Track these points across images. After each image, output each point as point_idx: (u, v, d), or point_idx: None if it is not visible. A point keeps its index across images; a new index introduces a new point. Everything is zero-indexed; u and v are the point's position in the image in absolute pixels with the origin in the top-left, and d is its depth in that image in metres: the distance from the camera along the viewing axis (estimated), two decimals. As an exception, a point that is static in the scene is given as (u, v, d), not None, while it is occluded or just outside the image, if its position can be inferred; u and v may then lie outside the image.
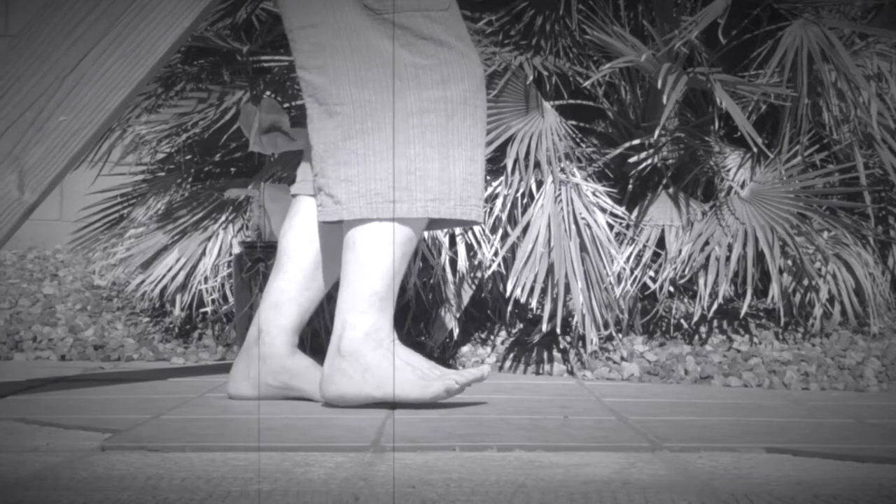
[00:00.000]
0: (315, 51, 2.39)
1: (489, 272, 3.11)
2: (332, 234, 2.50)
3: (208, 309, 3.26)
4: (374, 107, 2.36)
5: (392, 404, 2.37)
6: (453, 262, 3.11)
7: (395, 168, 2.36)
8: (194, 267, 3.28)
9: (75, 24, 2.37)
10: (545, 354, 3.09)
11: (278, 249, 2.53)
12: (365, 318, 2.37)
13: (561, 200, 3.05)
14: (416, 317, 3.15)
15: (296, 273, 2.50)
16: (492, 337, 3.16)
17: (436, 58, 2.38)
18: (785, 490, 1.62)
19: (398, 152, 2.36)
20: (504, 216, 3.08)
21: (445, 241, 3.09)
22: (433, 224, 2.50)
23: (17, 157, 2.34)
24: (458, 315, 3.11)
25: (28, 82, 2.37)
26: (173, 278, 3.29)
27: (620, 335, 3.09)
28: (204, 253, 3.28)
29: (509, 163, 3.08)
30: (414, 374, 2.35)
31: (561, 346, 3.09)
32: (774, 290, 3.06)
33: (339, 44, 2.37)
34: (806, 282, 3.12)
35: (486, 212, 3.10)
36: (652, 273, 3.14)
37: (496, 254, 3.08)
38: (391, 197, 2.35)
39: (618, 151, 3.21)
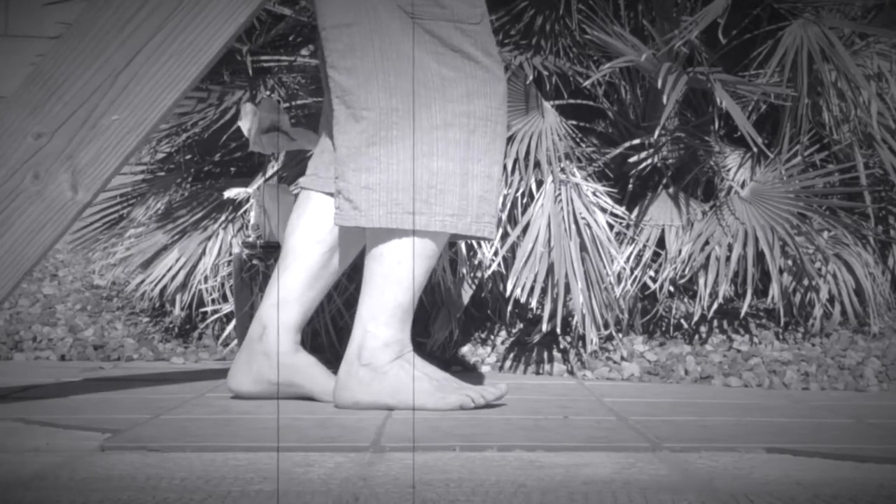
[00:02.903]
0: (347, 51, 2.37)
1: (489, 272, 3.11)
2: (342, 236, 2.50)
3: (208, 309, 3.26)
4: (400, 115, 2.34)
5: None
6: (453, 262, 3.11)
7: (417, 180, 2.35)
8: (194, 267, 3.28)
9: (127, 20, 2.32)
10: (545, 354, 3.09)
11: (284, 247, 2.53)
12: (386, 329, 2.38)
13: (561, 200, 3.05)
14: (416, 317, 3.14)
15: (301, 272, 2.51)
16: (492, 337, 3.16)
17: (462, 71, 2.37)
18: (785, 490, 1.62)
19: (421, 164, 2.35)
20: (504, 216, 3.08)
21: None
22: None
23: (71, 156, 2.30)
24: (458, 315, 3.11)
25: (80, 79, 2.32)
26: (173, 278, 3.29)
27: (620, 335, 3.09)
28: (204, 253, 3.28)
29: (509, 163, 3.08)
30: (431, 385, 2.37)
31: (561, 346, 3.09)
32: (774, 290, 3.06)
33: (371, 46, 2.35)
34: (806, 282, 3.12)
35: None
36: (652, 273, 3.14)
37: (496, 253, 3.08)
38: (412, 208, 2.35)
39: (618, 151, 3.21)
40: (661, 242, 3.16)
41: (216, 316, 3.26)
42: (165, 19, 2.32)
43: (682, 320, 3.15)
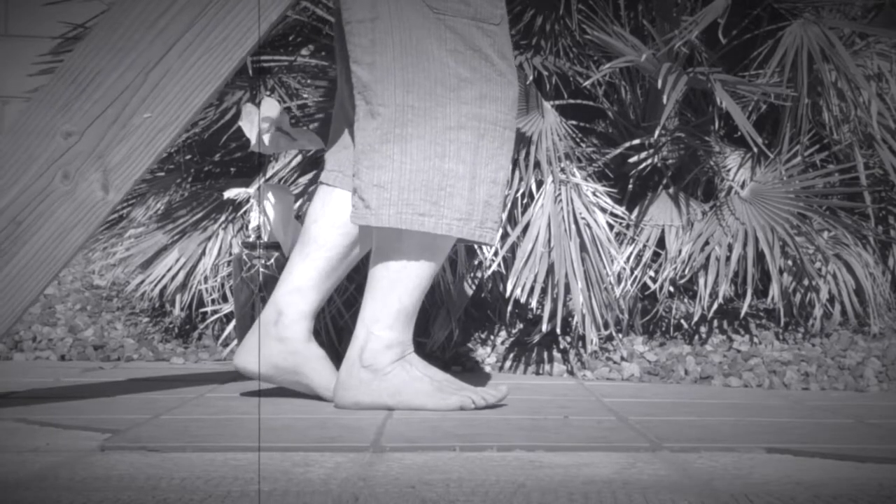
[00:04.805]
0: (369, 46, 2.35)
1: (489, 272, 3.11)
2: (363, 229, 2.50)
3: (208, 309, 3.26)
4: (415, 113, 2.33)
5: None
6: (453, 262, 3.11)
7: (428, 181, 2.34)
8: (194, 267, 3.28)
9: (158, 16, 2.29)
10: (545, 354, 3.09)
11: (305, 236, 2.53)
12: (389, 332, 2.39)
13: (561, 200, 3.05)
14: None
15: (322, 261, 2.51)
16: (492, 337, 3.16)
17: (478, 73, 2.35)
18: (785, 490, 1.62)
19: (433, 165, 2.34)
20: (504, 216, 3.08)
21: (445, 241, 3.09)
22: None
23: (101, 156, 2.26)
24: (458, 315, 3.11)
25: (110, 77, 2.28)
26: (173, 278, 3.29)
27: (620, 335, 3.09)
28: (204, 253, 3.28)
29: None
30: (432, 386, 2.37)
31: (561, 346, 3.09)
32: (774, 290, 3.06)
33: (391, 41, 2.33)
34: (806, 282, 3.12)
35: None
36: (652, 273, 3.14)
37: (496, 254, 3.08)
38: (422, 210, 2.34)
39: (618, 151, 3.21)
40: (661, 242, 3.16)
41: (216, 316, 3.26)
42: (198, 15, 2.28)
43: (682, 320, 3.15)
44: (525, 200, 3.09)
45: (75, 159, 2.28)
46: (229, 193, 2.95)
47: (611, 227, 3.10)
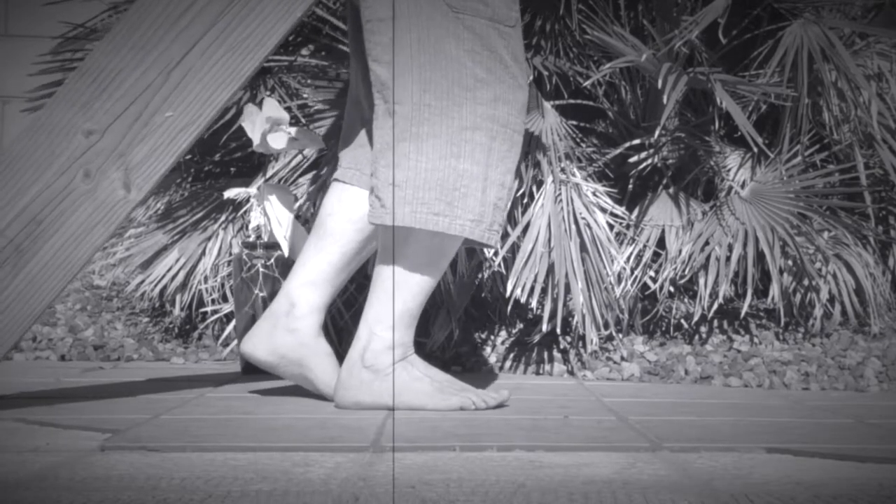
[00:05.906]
0: (389, 44, 2.33)
1: (489, 272, 3.11)
2: (379, 228, 2.50)
3: (208, 309, 3.26)
4: (432, 112, 2.32)
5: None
6: (453, 262, 3.11)
7: (443, 181, 2.34)
8: (194, 267, 3.28)
9: (180, 14, 2.27)
10: (545, 354, 3.09)
11: (320, 229, 2.52)
12: (392, 333, 2.38)
13: (561, 200, 3.05)
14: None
15: (336, 255, 2.51)
16: (492, 337, 3.16)
17: (494, 74, 2.34)
18: (785, 490, 1.62)
19: (448, 165, 2.33)
20: (504, 216, 3.07)
21: (445, 240, 3.09)
22: None
23: (123, 154, 2.25)
24: (458, 315, 3.11)
25: (131, 75, 2.27)
26: (173, 278, 3.29)
27: (620, 335, 3.09)
28: (204, 253, 3.28)
29: (509, 163, 3.07)
30: (433, 387, 2.38)
31: (561, 346, 3.09)
32: (775, 290, 3.06)
33: (408, 38, 2.32)
34: (806, 282, 3.12)
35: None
36: (652, 273, 3.14)
37: (496, 254, 3.08)
38: (437, 209, 2.34)
39: (618, 151, 3.21)
40: (661, 242, 3.16)
41: (216, 316, 3.26)
42: (221, 13, 2.26)
43: (683, 320, 3.15)
44: (525, 200, 3.09)
45: (96, 158, 2.28)
46: (229, 193, 2.95)
47: (611, 227, 3.10)
